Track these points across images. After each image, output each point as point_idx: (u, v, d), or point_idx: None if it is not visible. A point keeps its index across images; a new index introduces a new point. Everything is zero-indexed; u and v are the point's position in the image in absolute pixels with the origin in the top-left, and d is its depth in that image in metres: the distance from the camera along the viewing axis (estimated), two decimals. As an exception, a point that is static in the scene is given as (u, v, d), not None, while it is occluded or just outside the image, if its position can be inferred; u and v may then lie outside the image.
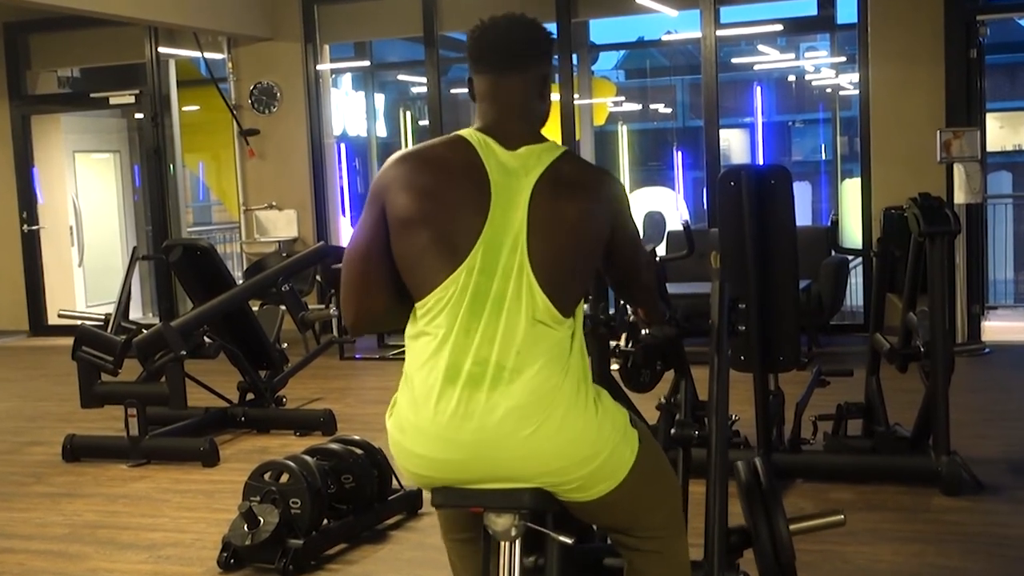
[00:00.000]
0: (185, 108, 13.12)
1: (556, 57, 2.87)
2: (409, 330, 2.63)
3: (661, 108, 24.51)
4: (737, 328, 3.18)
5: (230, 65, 11.91)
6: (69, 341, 7.22)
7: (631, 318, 3.37)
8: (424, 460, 2.56)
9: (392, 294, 2.66)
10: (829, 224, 10.21)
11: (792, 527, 3.37)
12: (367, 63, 14.50)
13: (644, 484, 2.65)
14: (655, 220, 6.76)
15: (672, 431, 3.38)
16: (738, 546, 3.38)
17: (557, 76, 10.40)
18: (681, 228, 6.98)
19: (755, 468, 3.52)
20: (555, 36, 2.78)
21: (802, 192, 18.17)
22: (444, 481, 2.57)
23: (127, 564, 4.93)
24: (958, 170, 9.17)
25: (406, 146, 15.97)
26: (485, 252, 2.53)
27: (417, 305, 2.59)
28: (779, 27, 12.07)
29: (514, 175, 2.58)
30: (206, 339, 7.05)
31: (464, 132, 2.66)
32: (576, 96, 10.93)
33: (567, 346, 2.56)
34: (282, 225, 11.74)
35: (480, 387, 2.49)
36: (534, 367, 2.49)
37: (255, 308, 8.07)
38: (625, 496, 2.61)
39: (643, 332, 3.34)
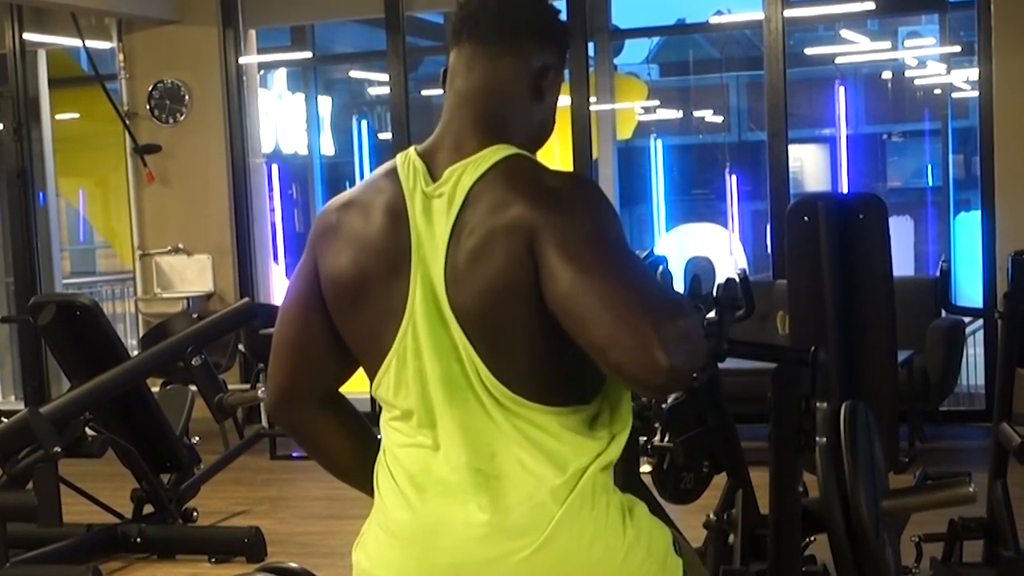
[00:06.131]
0: (60, 116, 13.18)
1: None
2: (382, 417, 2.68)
3: (708, 116, 24.56)
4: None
5: (121, 57, 11.96)
6: (-99, 434, 7.23)
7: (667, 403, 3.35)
8: None
9: (332, 371, 2.72)
10: (938, 274, 10.23)
11: (889, 503, 3.24)
12: (308, 55, 14.59)
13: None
14: (701, 269, 6.79)
15: None
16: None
17: (567, 73, 10.43)
18: (736, 279, 7.00)
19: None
20: (567, 22, 2.75)
21: (901, 230, 18.18)
22: None
23: None
24: (1112, 201, 9.24)
25: (361, 167, 16.11)
26: (415, 332, 2.54)
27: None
28: (870, 5, 12.13)
29: (435, 217, 2.54)
30: (88, 431, 7.06)
31: (400, 156, 2.63)
32: (593, 99, 10.99)
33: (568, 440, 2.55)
34: (192, 276, 11.75)
35: (455, 496, 2.52)
36: (518, 468, 2.51)
37: (155, 389, 8.09)
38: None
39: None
